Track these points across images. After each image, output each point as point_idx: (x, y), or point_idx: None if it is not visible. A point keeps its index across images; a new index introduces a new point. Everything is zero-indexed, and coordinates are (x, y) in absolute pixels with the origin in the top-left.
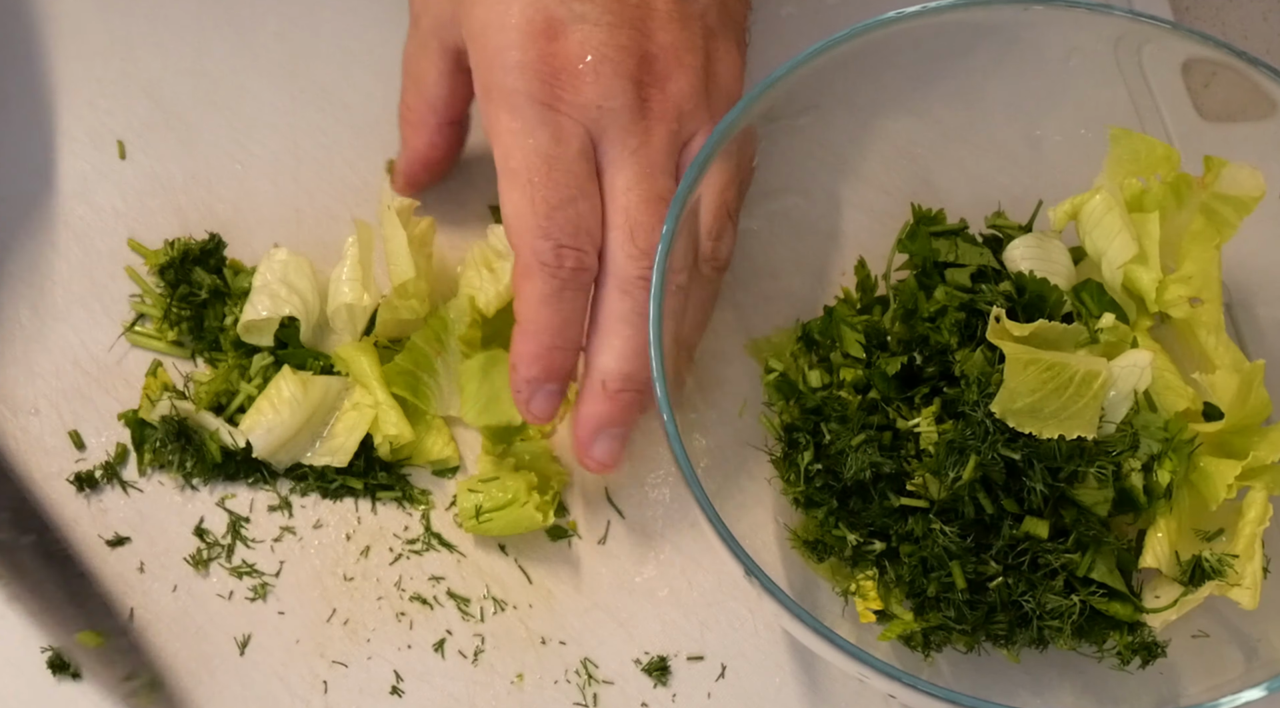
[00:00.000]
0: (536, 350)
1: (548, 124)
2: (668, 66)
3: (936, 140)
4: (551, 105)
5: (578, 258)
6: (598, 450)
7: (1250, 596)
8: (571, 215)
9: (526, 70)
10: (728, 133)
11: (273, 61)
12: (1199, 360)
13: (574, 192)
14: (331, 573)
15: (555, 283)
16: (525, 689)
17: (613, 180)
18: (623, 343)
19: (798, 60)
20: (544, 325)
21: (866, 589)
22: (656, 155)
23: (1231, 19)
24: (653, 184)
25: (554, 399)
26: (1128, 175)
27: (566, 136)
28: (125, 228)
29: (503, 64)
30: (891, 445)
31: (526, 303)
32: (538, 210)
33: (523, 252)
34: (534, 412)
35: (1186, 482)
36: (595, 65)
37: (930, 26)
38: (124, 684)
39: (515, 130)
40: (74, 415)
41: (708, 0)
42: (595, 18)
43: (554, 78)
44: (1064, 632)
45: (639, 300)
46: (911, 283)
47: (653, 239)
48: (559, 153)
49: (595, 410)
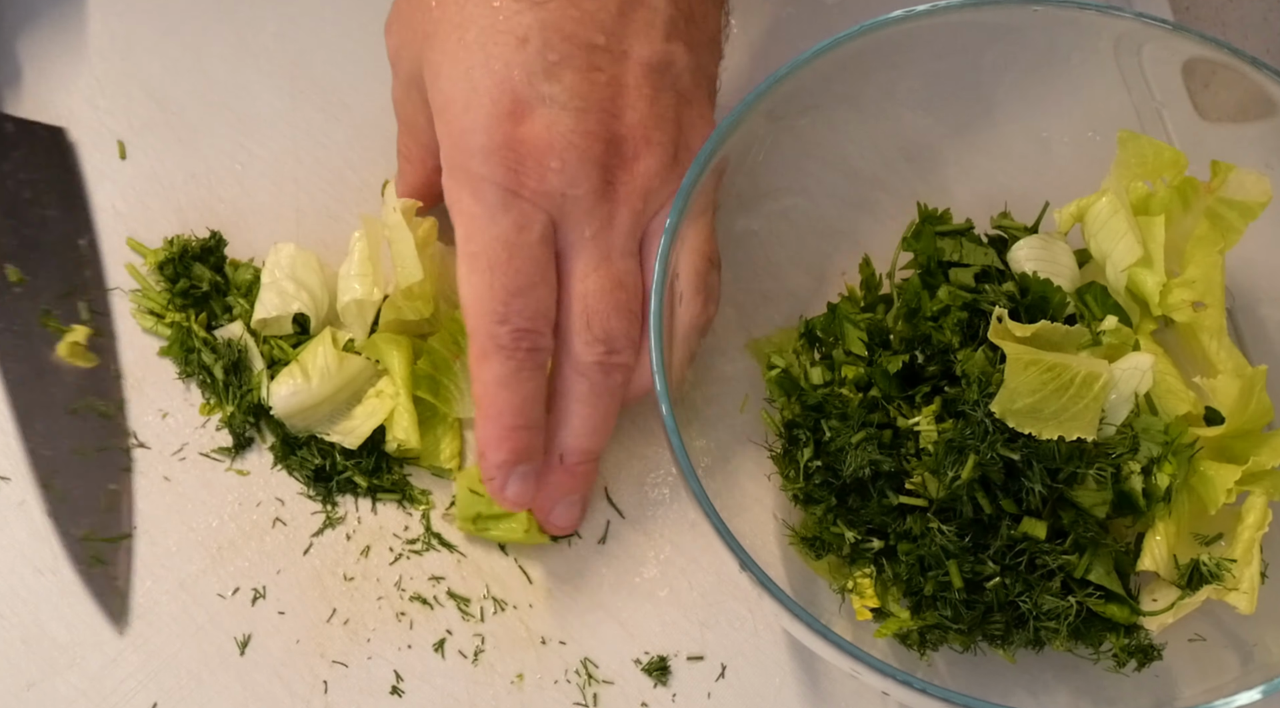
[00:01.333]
0: (500, 433)
1: (510, 210)
2: (636, 148)
3: (940, 140)
4: (516, 191)
5: (533, 339)
6: (557, 517)
7: (1247, 600)
8: (530, 301)
9: (491, 157)
10: (728, 133)
11: (273, 61)
12: (1201, 364)
13: (533, 278)
14: (331, 573)
15: (512, 364)
16: (525, 689)
17: (572, 264)
18: (580, 422)
19: (799, 60)
20: (504, 407)
21: (864, 587)
22: (617, 238)
23: (1231, 19)
24: (610, 269)
25: (528, 482)
26: (1134, 178)
27: (529, 223)
28: (125, 228)
29: (467, 147)
30: (891, 444)
31: (485, 387)
32: (496, 295)
33: (479, 335)
34: (510, 498)
35: (1186, 486)
36: (561, 152)
37: (934, 26)
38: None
39: (477, 215)
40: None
41: (681, 65)
42: (563, 101)
43: (519, 164)
44: (1061, 633)
45: (595, 383)
46: (915, 282)
47: (608, 326)
48: (520, 240)
49: (554, 481)
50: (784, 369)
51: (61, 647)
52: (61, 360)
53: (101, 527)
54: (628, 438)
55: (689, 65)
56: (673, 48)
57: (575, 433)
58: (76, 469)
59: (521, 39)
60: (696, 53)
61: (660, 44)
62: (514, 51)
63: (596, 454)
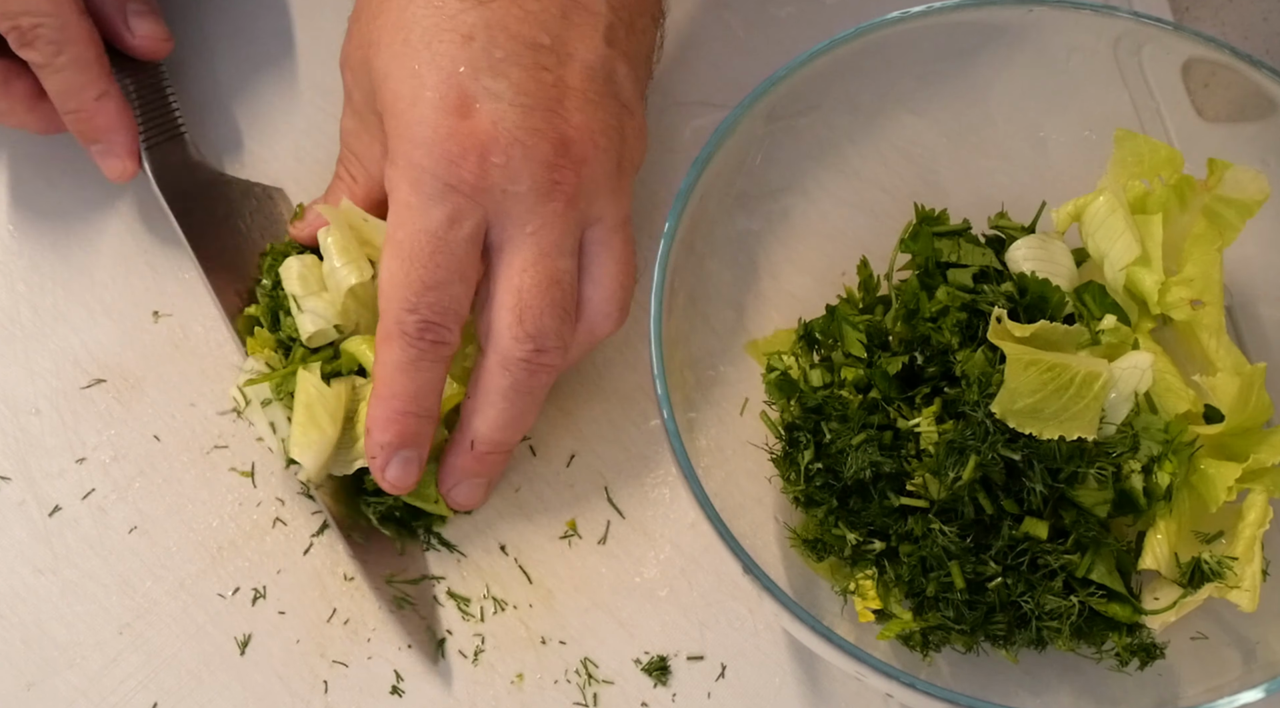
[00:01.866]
0: (389, 415)
1: (445, 204)
2: (584, 150)
3: (939, 141)
4: (454, 186)
5: (439, 333)
6: (459, 494)
7: (1249, 598)
8: (443, 296)
9: (434, 148)
10: (728, 133)
11: (273, 61)
12: (1200, 363)
13: (451, 275)
14: (331, 573)
15: (413, 352)
16: (525, 689)
17: (509, 259)
18: (497, 414)
19: (799, 60)
20: (398, 391)
21: (866, 589)
22: (557, 237)
23: (1231, 19)
24: (548, 266)
25: (411, 468)
26: (1131, 177)
27: (460, 219)
28: (125, 226)
29: (411, 138)
30: (892, 445)
31: (383, 368)
32: (411, 285)
33: (387, 318)
34: (390, 479)
35: (1186, 484)
36: (506, 148)
37: (932, 27)
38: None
39: (411, 205)
40: (74, 415)
41: (622, 74)
42: (510, 97)
43: (462, 157)
44: (1063, 633)
45: (518, 380)
46: (914, 283)
47: (541, 323)
48: (447, 236)
49: (460, 463)
50: (783, 371)
51: (61, 647)
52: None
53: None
54: (628, 438)
55: (629, 76)
56: (613, 54)
57: (490, 424)
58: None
59: (467, 36)
60: (634, 66)
61: (602, 48)
62: (459, 48)
63: (509, 448)
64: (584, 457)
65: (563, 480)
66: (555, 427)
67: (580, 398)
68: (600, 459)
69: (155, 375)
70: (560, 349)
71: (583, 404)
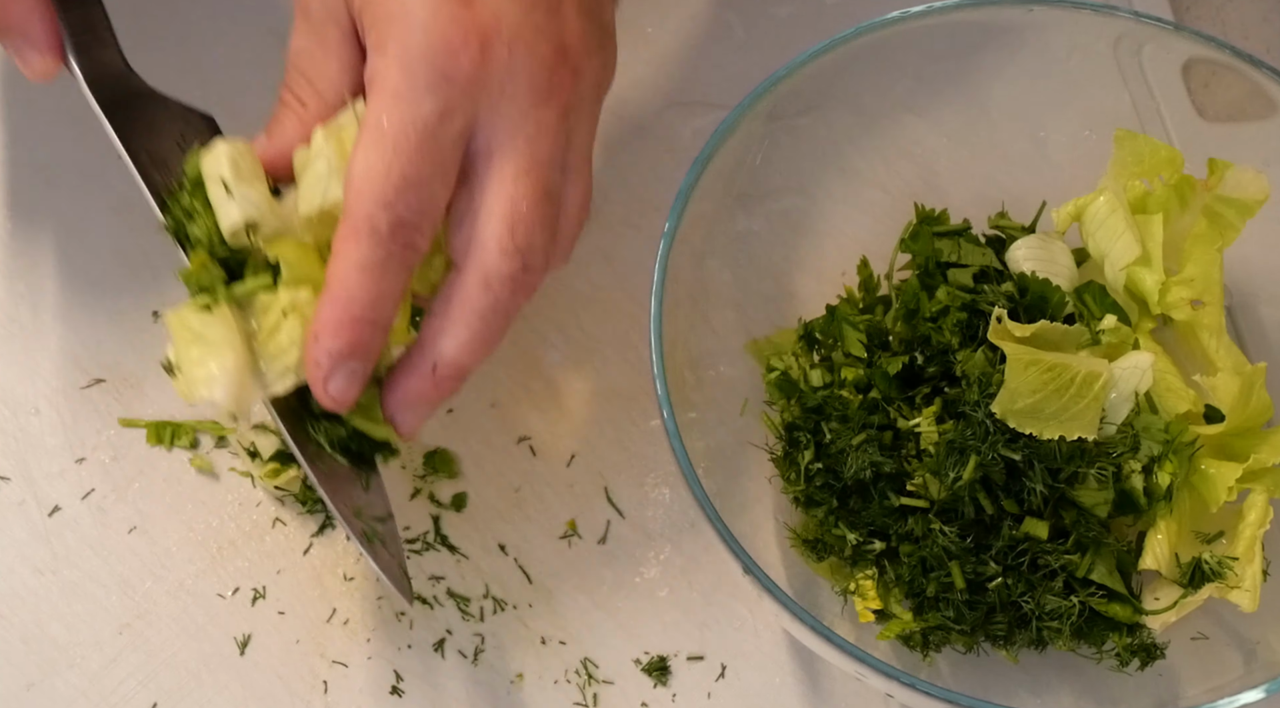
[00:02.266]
0: (343, 319)
1: (438, 95)
2: (579, 61)
3: (939, 141)
4: (450, 76)
5: (411, 236)
6: (403, 419)
7: (1250, 598)
8: (423, 196)
9: (433, 32)
10: (728, 133)
11: (272, 61)
12: (1200, 363)
13: (434, 172)
14: (331, 573)
15: (381, 253)
16: (525, 689)
17: (500, 166)
18: (470, 335)
19: (799, 60)
20: (358, 294)
21: (866, 589)
22: (551, 147)
23: (1231, 19)
24: (544, 177)
25: (355, 382)
26: (1131, 177)
27: (452, 113)
28: (125, 226)
29: (408, 21)
30: (892, 445)
31: (344, 267)
32: (390, 179)
33: (356, 214)
34: (331, 392)
35: (1187, 484)
36: (509, 41)
37: (932, 27)
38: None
39: (401, 92)
40: (74, 415)
41: (606, 2)
42: None
43: (462, 45)
44: (1063, 633)
45: (498, 298)
46: (914, 283)
47: (532, 237)
48: (437, 131)
49: (416, 387)
50: (783, 371)
51: (61, 647)
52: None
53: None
54: (628, 438)
55: (609, 8)
56: None
57: (460, 346)
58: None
59: None
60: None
61: None
62: None
63: (471, 373)
64: (584, 457)
65: (563, 480)
66: (555, 427)
67: (580, 398)
68: (600, 459)
69: (155, 375)
70: (542, 271)
71: (583, 404)
